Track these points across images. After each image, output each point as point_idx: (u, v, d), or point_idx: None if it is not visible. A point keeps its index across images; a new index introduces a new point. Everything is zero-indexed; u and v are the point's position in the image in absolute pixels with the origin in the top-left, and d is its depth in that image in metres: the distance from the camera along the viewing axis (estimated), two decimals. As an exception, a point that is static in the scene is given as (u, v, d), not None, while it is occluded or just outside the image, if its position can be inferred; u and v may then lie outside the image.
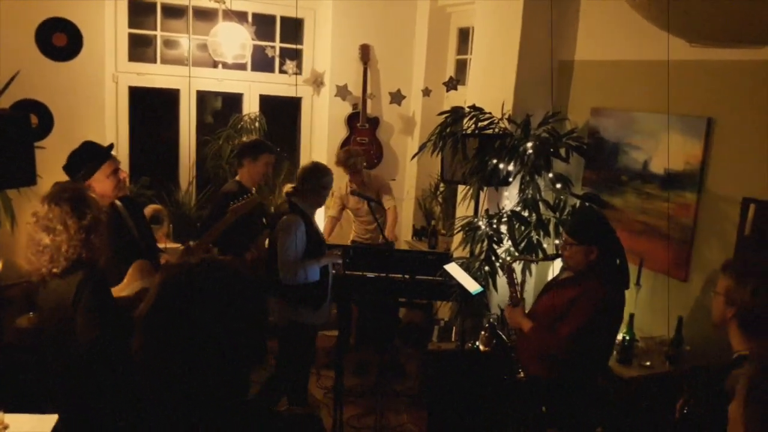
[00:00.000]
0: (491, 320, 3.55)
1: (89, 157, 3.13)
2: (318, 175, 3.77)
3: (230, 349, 1.18)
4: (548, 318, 3.11)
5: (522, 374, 3.22)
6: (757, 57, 3.14)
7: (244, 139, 4.24)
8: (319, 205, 3.97)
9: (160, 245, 3.99)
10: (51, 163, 4.34)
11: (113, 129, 5.09)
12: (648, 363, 3.35)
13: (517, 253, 3.91)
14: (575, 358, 2.99)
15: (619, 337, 3.41)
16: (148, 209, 4.63)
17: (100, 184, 3.07)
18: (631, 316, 3.45)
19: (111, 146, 3.30)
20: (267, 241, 4.08)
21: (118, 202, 3.20)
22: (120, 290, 2.80)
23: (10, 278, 4.09)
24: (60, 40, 4.69)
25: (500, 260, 3.93)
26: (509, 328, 3.46)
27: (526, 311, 3.30)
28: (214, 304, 1.17)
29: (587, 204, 3.87)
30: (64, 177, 4.11)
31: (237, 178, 4.18)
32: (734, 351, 2.19)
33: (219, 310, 1.17)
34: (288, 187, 3.90)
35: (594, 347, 3.02)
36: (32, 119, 4.32)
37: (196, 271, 1.20)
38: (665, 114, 3.63)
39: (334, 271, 4.02)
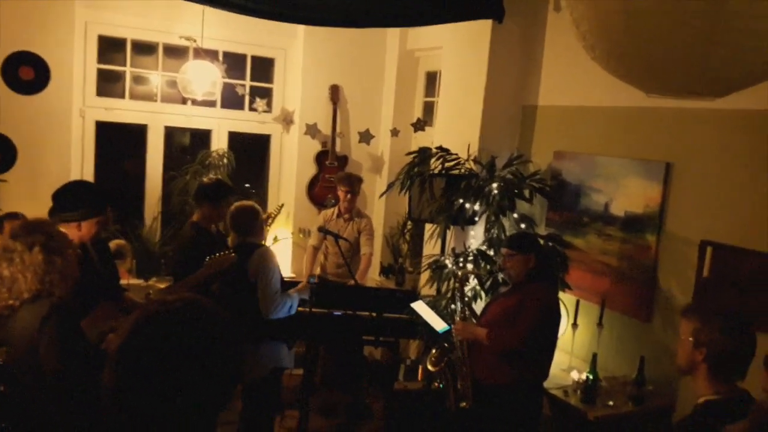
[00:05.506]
0: (444, 344, 3.57)
1: (92, 200, 3.08)
2: (259, 213, 3.75)
3: (202, 392, 1.15)
4: (501, 320, 3.31)
5: (465, 404, 3.34)
6: (713, 106, 3.26)
7: (204, 180, 4.17)
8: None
9: (123, 281, 3.92)
10: (13, 195, 4.30)
11: (78, 163, 5.03)
12: (611, 403, 3.38)
13: (479, 288, 3.95)
14: (531, 352, 3.21)
15: (583, 376, 3.45)
16: (112, 244, 4.55)
17: (87, 227, 3.02)
18: (594, 355, 3.49)
19: (111, 198, 3.28)
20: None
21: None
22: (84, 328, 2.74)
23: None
24: (27, 73, 4.66)
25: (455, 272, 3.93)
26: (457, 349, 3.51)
27: None
28: (189, 344, 1.14)
29: (549, 244, 3.95)
30: (26, 209, 4.08)
31: (194, 218, 3.90)
32: (699, 395, 2.09)
33: (195, 350, 1.14)
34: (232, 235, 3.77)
35: (545, 343, 3.29)
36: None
37: (174, 309, 1.17)
38: (626, 158, 3.75)
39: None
